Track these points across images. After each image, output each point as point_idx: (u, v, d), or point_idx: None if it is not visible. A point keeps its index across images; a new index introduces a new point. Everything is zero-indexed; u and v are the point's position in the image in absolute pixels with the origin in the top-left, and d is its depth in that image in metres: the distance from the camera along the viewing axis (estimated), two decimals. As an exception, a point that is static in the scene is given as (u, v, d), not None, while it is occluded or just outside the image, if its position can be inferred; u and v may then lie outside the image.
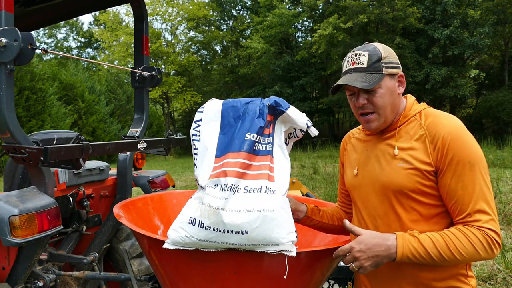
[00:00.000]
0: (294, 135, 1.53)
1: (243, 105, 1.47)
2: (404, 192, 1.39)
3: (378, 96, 1.42)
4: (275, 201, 1.33)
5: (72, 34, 41.90)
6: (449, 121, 1.37)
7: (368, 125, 1.49)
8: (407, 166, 1.38)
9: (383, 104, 1.43)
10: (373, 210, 1.49)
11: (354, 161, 1.60)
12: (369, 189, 1.50)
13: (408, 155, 1.39)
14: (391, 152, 1.44)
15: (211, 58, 32.27)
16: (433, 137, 1.36)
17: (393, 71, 1.44)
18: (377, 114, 1.45)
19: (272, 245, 1.33)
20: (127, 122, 23.14)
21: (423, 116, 1.44)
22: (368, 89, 1.42)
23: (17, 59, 1.87)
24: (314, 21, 25.81)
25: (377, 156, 1.50)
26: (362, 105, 1.45)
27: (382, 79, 1.41)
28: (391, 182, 1.41)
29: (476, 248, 1.27)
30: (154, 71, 2.94)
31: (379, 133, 1.52)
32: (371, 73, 1.41)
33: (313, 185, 9.00)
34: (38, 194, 2.09)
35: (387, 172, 1.43)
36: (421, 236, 1.31)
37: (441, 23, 19.80)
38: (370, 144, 1.55)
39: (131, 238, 3.04)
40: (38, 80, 16.44)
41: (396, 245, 1.30)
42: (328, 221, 1.71)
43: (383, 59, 1.42)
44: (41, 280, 2.27)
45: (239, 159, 1.37)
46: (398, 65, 1.46)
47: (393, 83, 1.44)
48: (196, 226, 1.33)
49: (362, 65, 1.43)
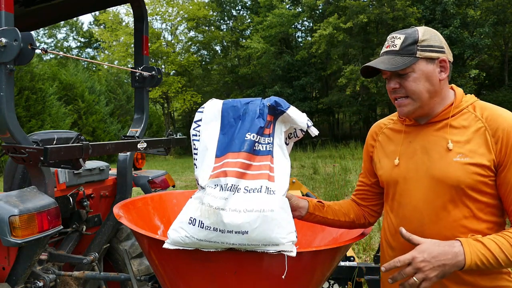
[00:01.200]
0: (295, 135, 1.53)
1: (243, 105, 1.47)
2: (461, 188, 1.31)
3: (410, 80, 1.36)
4: (275, 201, 1.33)
5: (72, 34, 41.93)
6: (509, 115, 1.32)
7: (400, 109, 1.42)
8: (466, 160, 1.30)
9: (417, 89, 1.36)
10: (419, 205, 1.40)
11: (393, 152, 1.51)
12: (415, 184, 1.42)
13: (465, 148, 1.32)
14: (444, 145, 1.36)
15: (211, 58, 32.29)
16: (495, 131, 1.29)
17: (432, 55, 1.35)
18: (410, 99, 1.38)
19: (272, 245, 1.33)
20: (127, 122, 23.14)
21: (478, 108, 1.37)
22: (400, 73, 1.37)
23: (17, 59, 1.87)
24: (314, 21, 25.82)
25: (425, 148, 1.40)
26: (393, 89, 1.40)
27: (414, 62, 1.34)
28: (446, 176, 1.33)
29: None
30: (154, 71, 2.94)
31: (425, 124, 1.43)
32: (401, 56, 1.36)
33: (313, 185, 9.00)
34: (38, 194, 2.09)
35: (441, 166, 1.35)
36: (485, 241, 1.23)
37: (441, 23, 19.81)
38: (413, 134, 1.46)
39: (131, 238, 3.04)
40: (38, 80, 16.44)
41: (464, 252, 1.21)
42: (333, 216, 1.64)
43: (420, 42, 1.35)
44: (41, 280, 2.27)
45: (239, 159, 1.37)
46: (441, 50, 1.37)
47: (431, 68, 1.36)
48: (196, 226, 1.33)
49: (395, 48, 1.38)
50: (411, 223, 1.42)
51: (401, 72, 1.36)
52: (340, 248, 1.56)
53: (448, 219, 1.35)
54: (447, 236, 1.33)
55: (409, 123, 1.49)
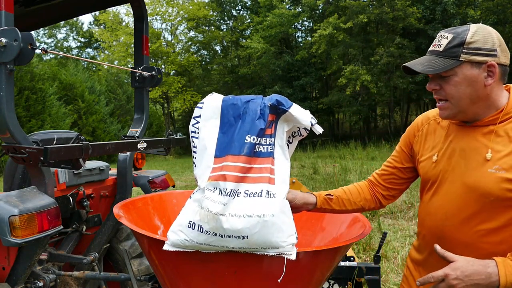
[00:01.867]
0: (299, 134, 1.50)
1: (243, 104, 1.43)
2: (490, 200, 1.27)
3: (451, 84, 1.30)
4: (275, 205, 1.31)
5: (72, 34, 41.92)
6: None
7: (440, 113, 1.37)
8: (500, 174, 1.25)
9: (457, 93, 1.29)
10: (447, 206, 1.39)
11: (433, 147, 1.47)
12: (447, 184, 1.39)
13: (503, 161, 1.25)
14: (483, 153, 1.30)
15: (211, 58, 32.28)
16: None
17: (478, 59, 1.26)
18: (450, 103, 1.32)
19: (272, 248, 1.33)
20: (127, 122, 23.14)
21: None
22: (442, 75, 1.31)
23: (17, 59, 1.87)
24: (314, 21, 25.82)
25: (464, 151, 1.35)
26: (433, 90, 1.35)
27: (457, 65, 1.27)
28: (478, 186, 1.29)
29: None
30: (154, 71, 2.94)
31: (471, 126, 1.36)
32: (444, 58, 1.29)
33: (313, 185, 9.00)
34: (38, 194, 2.09)
35: (476, 174, 1.30)
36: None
37: (441, 23, 19.81)
38: (454, 133, 1.41)
39: (131, 238, 3.04)
40: (38, 80, 16.43)
41: (498, 273, 1.17)
42: (340, 207, 1.64)
43: (467, 44, 1.26)
44: (41, 280, 2.27)
45: (238, 163, 1.34)
46: (492, 53, 1.27)
47: (476, 72, 1.27)
48: (196, 230, 1.32)
49: (439, 49, 1.31)
50: (434, 221, 1.42)
51: (443, 74, 1.30)
52: (340, 248, 1.56)
53: (470, 227, 1.32)
54: (465, 242, 1.32)
55: (455, 122, 1.42)
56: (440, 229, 1.40)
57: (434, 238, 1.43)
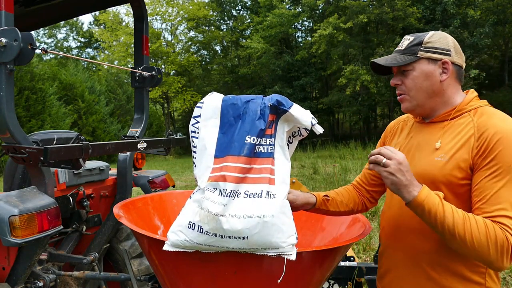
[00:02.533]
0: (299, 134, 1.50)
1: (243, 104, 1.43)
2: (436, 186, 1.36)
3: (410, 78, 1.45)
4: (275, 206, 1.31)
5: (72, 34, 41.93)
6: (502, 123, 1.32)
7: (402, 106, 1.51)
8: (444, 161, 1.36)
9: (415, 87, 1.44)
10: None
11: (397, 144, 1.60)
12: None
13: (449, 150, 1.37)
14: (433, 144, 1.42)
15: (211, 58, 32.29)
16: (480, 135, 1.32)
17: (434, 56, 1.42)
18: (409, 96, 1.47)
19: (272, 249, 1.33)
20: (127, 122, 23.14)
21: (478, 113, 1.39)
22: (403, 70, 1.46)
23: (17, 59, 1.87)
24: (314, 21, 25.83)
25: (419, 145, 1.48)
26: (395, 85, 1.50)
27: (415, 61, 1.43)
28: (425, 173, 1.39)
29: (489, 245, 1.20)
30: (154, 71, 2.94)
31: (428, 123, 1.50)
32: (404, 55, 1.45)
33: (313, 185, 9.00)
34: (38, 194, 2.09)
35: (423, 163, 1.42)
36: (444, 202, 1.27)
37: (441, 23, 19.81)
38: (416, 131, 1.54)
39: (131, 238, 3.04)
40: (38, 80, 16.44)
41: (421, 189, 1.27)
42: (334, 209, 1.70)
43: (424, 44, 1.43)
44: (41, 280, 2.27)
45: (238, 164, 1.34)
46: (446, 52, 1.42)
47: (432, 68, 1.42)
48: (196, 231, 1.32)
49: (401, 48, 1.48)
50: (392, 212, 1.54)
51: (404, 68, 1.45)
52: (340, 248, 1.56)
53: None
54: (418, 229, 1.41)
55: (417, 120, 1.56)
56: (396, 219, 1.51)
57: (391, 228, 1.54)
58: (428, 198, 1.25)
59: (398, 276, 1.52)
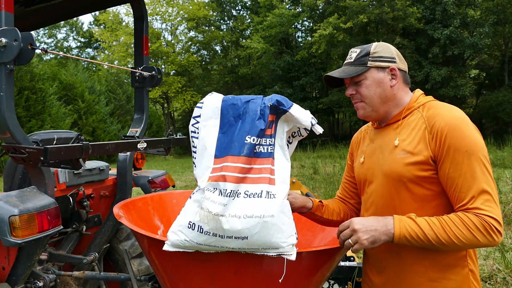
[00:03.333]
0: (299, 134, 1.50)
1: (243, 104, 1.43)
2: (403, 182, 1.44)
3: (363, 87, 1.53)
4: (275, 206, 1.31)
5: (72, 34, 41.93)
6: (449, 112, 1.42)
7: (358, 113, 1.60)
8: (405, 156, 1.44)
9: (369, 94, 1.53)
10: (375, 199, 1.55)
11: (361, 152, 1.68)
12: (373, 180, 1.57)
13: (407, 146, 1.45)
14: (393, 143, 1.50)
15: (211, 58, 32.28)
16: (431, 127, 1.41)
17: (382, 64, 1.52)
18: (364, 103, 1.55)
19: (272, 249, 1.33)
20: (127, 122, 23.15)
21: (426, 108, 1.49)
22: (355, 81, 1.54)
23: (17, 59, 1.87)
24: (314, 21, 25.81)
25: (381, 147, 1.56)
26: (350, 95, 1.58)
27: (366, 71, 1.52)
28: (391, 171, 1.47)
29: (474, 234, 1.29)
30: (154, 71, 2.94)
31: (385, 126, 1.59)
32: (355, 66, 1.54)
33: (313, 185, 9.00)
34: (38, 194, 2.09)
35: (388, 162, 1.49)
36: (418, 219, 1.35)
37: (441, 23, 19.80)
38: (376, 136, 1.62)
39: (131, 238, 3.04)
40: (38, 80, 16.45)
41: (393, 224, 1.34)
42: (328, 216, 1.74)
43: (371, 54, 1.53)
44: (41, 280, 2.27)
45: (238, 164, 1.34)
46: (391, 60, 1.54)
47: (382, 76, 1.52)
48: (196, 231, 1.32)
49: (351, 60, 1.56)
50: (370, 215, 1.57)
51: (356, 79, 1.54)
52: (340, 248, 1.56)
53: (398, 212, 1.45)
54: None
55: (376, 126, 1.65)
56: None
57: None
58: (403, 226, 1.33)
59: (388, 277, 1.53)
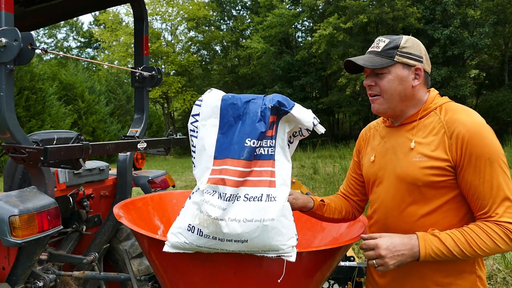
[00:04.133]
0: (300, 134, 1.48)
1: (243, 104, 1.40)
2: (418, 186, 1.40)
3: (385, 81, 1.47)
4: (275, 209, 1.30)
5: (72, 34, 41.92)
6: (469, 117, 1.38)
7: (372, 106, 1.53)
8: (423, 160, 1.40)
9: (389, 89, 1.46)
10: (385, 201, 1.52)
11: (372, 150, 1.63)
12: (384, 180, 1.53)
13: (424, 149, 1.41)
14: (408, 145, 1.46)
15: (211, 58, 32.27)
16: (451, 133, 1.37)
17: (409, 62, 1.46)
18: (382, 98, 1.49)
19: (271, 251, 1.32)
20: (127, 122, 23.15)
21: (443, 110, 1.45)
22: (377, 72, 1.47)
23: (17, 59, 1.87)
24: (314, 21, 25.80)
25: (394, 148, 1.51)
26: (368, 86, 1.51)
27: (391, 65, 1.45)
28: (406, 175, 1.43)
29: (497, 243, 1.30)
30: (154, 71, 2.94)
31: (399, 125, 1.54)
32: (381, 57, 1.46)
33: (313, 185, 9.00)
34: (38, 194, 2.09)
35: (403, 164, 1.45)
36: (442, 235, 1.33)
37: (441, 23, 19.79)
38: (388, 135, 1.57)
39: (131, 238, 3.03)
40: (38, 80, 16.44)
41: (418, 244, 1.32)
42: (329, 215, 1.72)
43: (400, 48, 1.46)
44: (41, 280, 2.27)
45: (238, 168, 1.32)
46: (419, 59, 1.47)
47: (406, 73, 1.46)
48: (195, 234, 1.31)
49: (378, 49, 1.48)
50: (378, 216, 1.55)
51: (378, 71, 1.47)
52: (340, 248, 1.56)
53: (408, 215, 1.44)
54: (405, 230, 1.43)
55: (388, 125, 1.60)
56: (383, 222, 1.53)
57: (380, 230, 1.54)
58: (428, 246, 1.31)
59: (394, 277, 1.52)
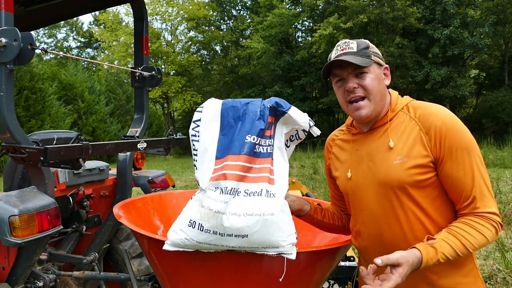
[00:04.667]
0: (297, 137, 1.51)
1: (243, 106, 1.46)
2: (404, 187, 1.37)
3: (368, 80, 1.41)
4: (275, 205, 1.32)
5: (72, 34, 41.91)
6: (441, 110, 1.38)
7: (358, 113, 1.43)
8: (404, 161, 1.37)
9: (373, 88, 1.42)
10: (373, 210, 1.45)
11: (345, 162, 1.56)
12: (365, 190, 1.46)
13: (404, 150, 1.38)
14: (385, 149, 1.41)
15: (211, 58, 32.28)
16: (428, 128, 1.36)
17: (380, 61, 1.46)
18: (368, 100, 1.42)
19: (272, 248, 1.33)
20: (127, 122, 23.14)
21: (411, 108, 1.44)
22: (359, 72, 1.42)
23: (17, 59, 1.87)
24: (314, 21, 25.81)
25: (369, 154, 1.46)
26: (352, 89, 1.42)
27: (371, 64, 1.43)
28: (390, 179, 1.38)
29: (486, 236, 1.31)
30: (154, 71, 2.94)
31: (368, 131, 1.50)
32: (361, 56, 1.42)
33: (313, 185, 9.00)
34: (38, 194, 2.09)
35: (384, 169, 1.40)
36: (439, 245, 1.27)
37: (441, 23, 19.79)
38: (358, 143, 1.52)
39: (131, 238, 3.04)
40: (37, 80, 16.45)
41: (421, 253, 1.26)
42: (328, 220, 1.70)
43: (371, 48, 1.46)
44: (41, 280, 2.27)
45: (239, 162, 1.36)
46: (383, 60, 1.49)
47: (380, 72, 1.46)
48: (196, 229, 1.32)
49: (353, 50, 1.43)
50: (369, 228, 1.48)
51: (363, 71, 1.42)
52: (340, 248, 1.57)
53: (402, 219, 1.39)
54: (405, 232, 1.39)
55: (355, 132, 1.55)
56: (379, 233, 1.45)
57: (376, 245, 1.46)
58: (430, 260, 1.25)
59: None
